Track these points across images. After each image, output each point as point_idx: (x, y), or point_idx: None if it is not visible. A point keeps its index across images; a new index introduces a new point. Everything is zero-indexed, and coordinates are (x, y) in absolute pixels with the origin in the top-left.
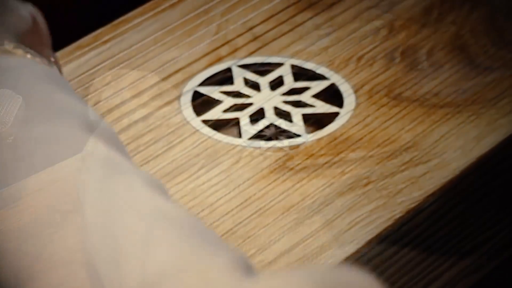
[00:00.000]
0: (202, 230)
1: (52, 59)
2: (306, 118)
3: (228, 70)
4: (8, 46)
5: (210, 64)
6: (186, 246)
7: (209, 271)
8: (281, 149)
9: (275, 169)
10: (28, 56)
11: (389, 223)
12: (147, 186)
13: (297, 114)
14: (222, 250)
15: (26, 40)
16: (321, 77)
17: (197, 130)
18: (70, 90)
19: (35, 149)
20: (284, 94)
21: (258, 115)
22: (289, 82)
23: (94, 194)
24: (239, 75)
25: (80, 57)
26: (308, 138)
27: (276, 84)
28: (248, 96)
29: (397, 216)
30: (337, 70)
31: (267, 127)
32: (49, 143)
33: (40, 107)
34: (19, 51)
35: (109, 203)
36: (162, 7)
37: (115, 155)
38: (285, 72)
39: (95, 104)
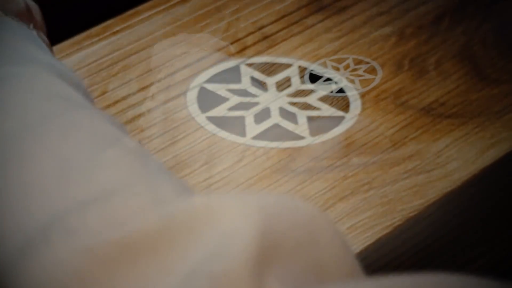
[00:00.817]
0: (154, 161)
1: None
2: (311, 121)
3: (236, 68)
4: None
5: (218, 61)
6: (137, 167)
7: (157, 189)
8: (284, 150)
9: (277, 170)
10: (7, 17)
11: (388, 230)
12: (108, 122)
13: (302, 116)
14: (172, 177)
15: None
16: (328, 81)
17: (202, 127)
18: (43, 47)
19: None
20: (291, 95)
21: (263, 115)
22: (296, 84)
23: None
24: (246, 74)
25: (89, 47)
26: (312, 140)
27: (283, 85)
28: (254, 95)
29: (396, 223)
30: (344, 74)
31: (272, 127)
32: (12, 80)
33: (6, 51)
34: None
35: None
36: (173, 1)
37: (81, 98)
38: (292, 73)
39: (102, 94)
